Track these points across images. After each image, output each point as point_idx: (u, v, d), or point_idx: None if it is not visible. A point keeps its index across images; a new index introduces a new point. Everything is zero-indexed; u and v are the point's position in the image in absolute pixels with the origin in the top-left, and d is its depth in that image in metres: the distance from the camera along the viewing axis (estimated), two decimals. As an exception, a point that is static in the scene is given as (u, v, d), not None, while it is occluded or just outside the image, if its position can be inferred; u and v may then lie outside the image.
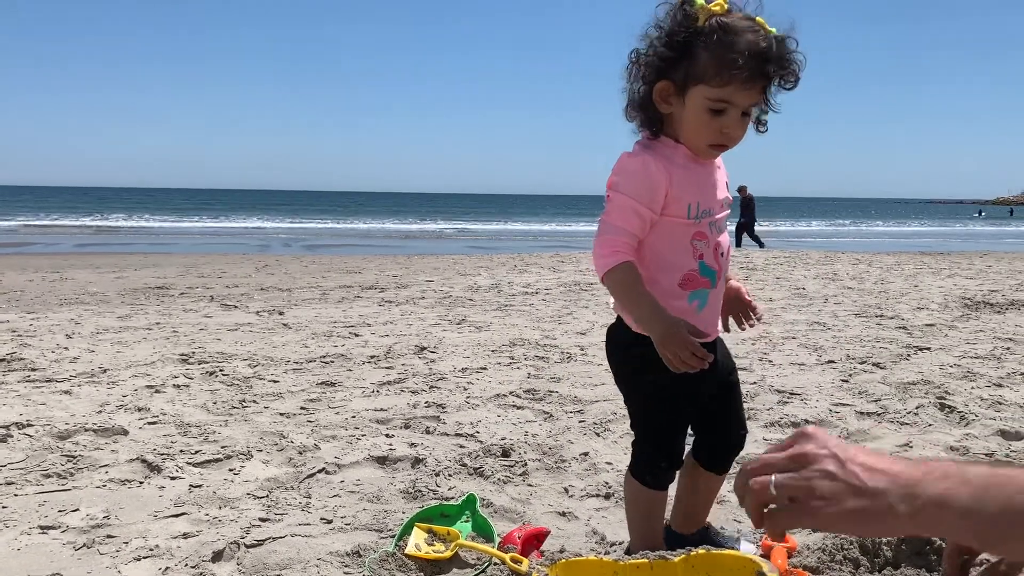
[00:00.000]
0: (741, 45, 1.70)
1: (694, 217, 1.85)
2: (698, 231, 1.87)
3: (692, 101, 1.78)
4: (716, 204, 1.91)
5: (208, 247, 19.45)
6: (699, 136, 1.82)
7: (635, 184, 1.82)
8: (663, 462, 2.00)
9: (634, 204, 1.81)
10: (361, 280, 10.14)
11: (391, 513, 2.53)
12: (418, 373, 4.49)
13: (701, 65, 1.74)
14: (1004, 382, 4.22)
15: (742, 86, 1.73)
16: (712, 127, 1.79)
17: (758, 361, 4.82)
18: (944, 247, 21.49)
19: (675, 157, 1.84)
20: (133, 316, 6.74)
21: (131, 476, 2.85)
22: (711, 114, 1.77)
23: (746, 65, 1.70)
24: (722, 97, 1.75)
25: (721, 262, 1.93)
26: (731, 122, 1.78)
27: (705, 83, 1.74)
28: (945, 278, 10.24)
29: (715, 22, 1.72)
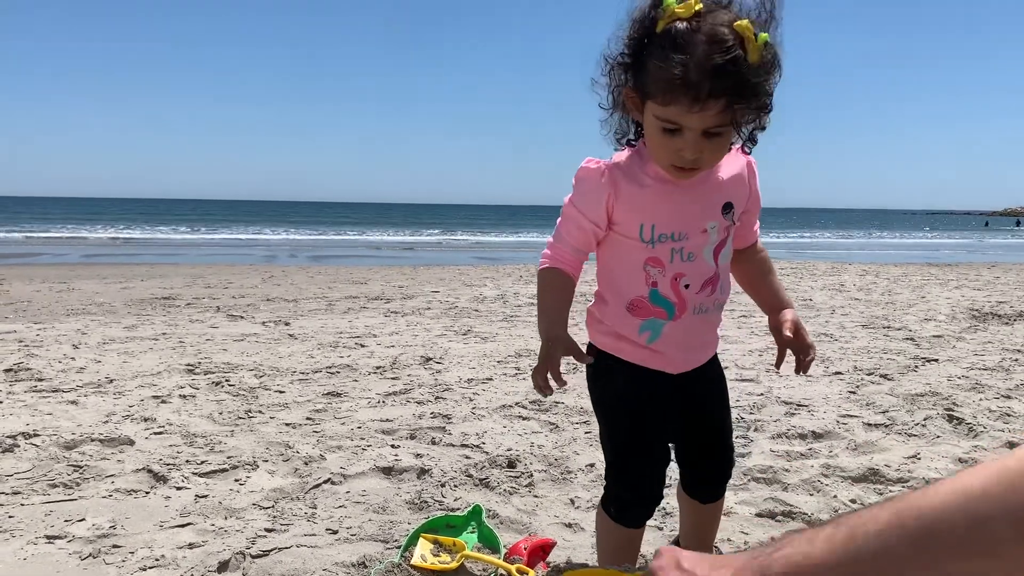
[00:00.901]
0: (685, 61, 1.44)
1: (648, 241, 1.67)
2: (652, 256, 1.68)
3: (647, 116, 1.58)
4: (691, 228, 1.68)
5: (214, 258, 19.49)
6: (658, 156, 1.61)
7: (579, 194, 1.72)
8: (625, 493, 1.82)
9: (577, 216, 1.71)
10: (367, 291, 10.14)
11: (397, 524, 2.53)
12: (424, 384, 4.48)
13: (651, 78, 1.51)
14: (1013, 394, 4.20)
15: (687, 108, 1.47)
16: (668, 148, 1.56)
17: (765, 372, 4.80)
18: (952, 258, 21.44)
19: (643, 171, 1.66)
20: (139, 326, 6.75)
21: (137, 486, 2.85)
22: (665, 133, 1.55)
23: (687, 85, 1.44)
24: (668, 118, 1.52)
25: (685, 294, 1.71)
26: (686, 144, 1.53)
27: (652, 100, 1.53)
28: (952, 289, 10.21)
29: (668, 29, 1.48)
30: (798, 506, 2.67)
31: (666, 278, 1.70)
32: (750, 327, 6.70)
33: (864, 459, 3.14)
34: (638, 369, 1.77)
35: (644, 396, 1.77)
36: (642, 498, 1.83)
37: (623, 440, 1.82)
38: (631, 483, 1.82)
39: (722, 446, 1.96)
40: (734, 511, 2.64)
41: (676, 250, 1.69)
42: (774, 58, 1.51)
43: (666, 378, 1.79)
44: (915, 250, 28.15)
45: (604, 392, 1.83)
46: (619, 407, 1.81)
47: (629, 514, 1.84)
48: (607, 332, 1.78)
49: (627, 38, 1.57)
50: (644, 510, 1.85)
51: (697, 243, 1.70)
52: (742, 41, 1.46)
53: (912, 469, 3.00)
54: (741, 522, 2.57)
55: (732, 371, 4.80)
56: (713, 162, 1.62)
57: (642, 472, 1.82)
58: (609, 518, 1.86)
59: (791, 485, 2.87)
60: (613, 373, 1.79)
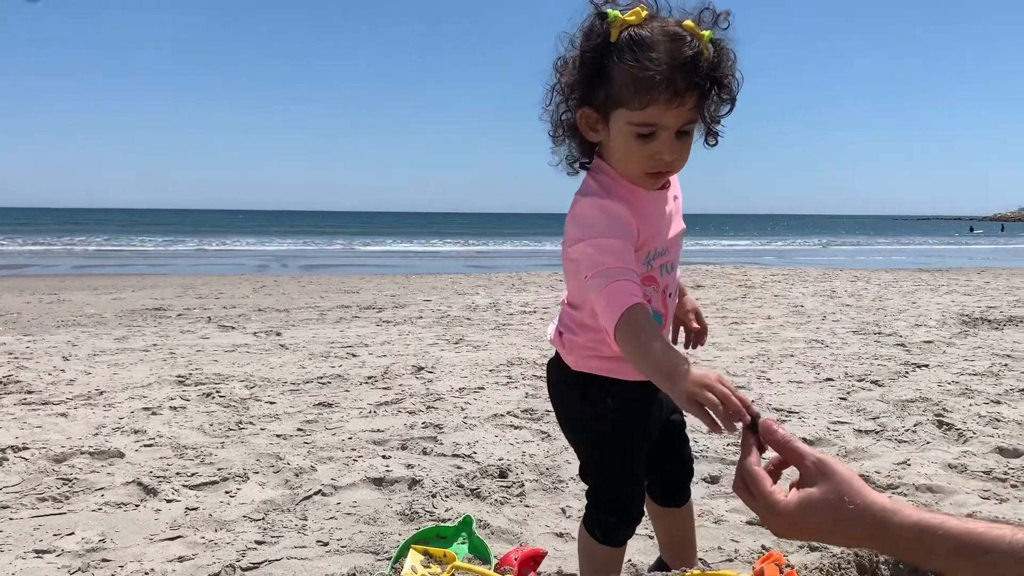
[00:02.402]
0: (658, 59, 1.46)
1: (646, 263, 1.66)
2: (647, 276, 1.67)
3: (616, 127, 1.56)
4: (671, 243, 1.72)
5: (205, 268, 19.44)
6: (631, 165, 1.58)
7: (606, 226, 1.57)
8: (611, 518, 1.80)
9: (618, 242, 1.55)
10: (359, 300, 10.13)
11: (387, 535, 2.52)
12: (416, 393, 4.48)
13: (618, 87, 1.51)
14: (1002, 399, 4.22)
15: (666, 106, 1.48)
16: (642, 154, 1.55)
17: (756, 379, 4.81)
18: (942, 263, 21.52)
19: (637, 196, 1.62)
20: (130, 338, 6.73)
21: (127, 499, 2.84)
22: (639, 140, 1.53)
23: (665, 81, 1.46)
24: (646, 120, 1.51)
25: (668, 303, 1.76)
26: (663, 146, 1.54)
27: (625, 107, 1.52)
28: (943, 295, 10.25)
29: (628, 35, 1.49)
30: (789, 513, 2.67)
31: (658, 293, 1.73)
32: (741, 334, 6.71)
33: (854, 465, 3.14)
34: (630, 386, 1.75)
35: (634, 414, 1.75)
36: (628, 520, 1.83)
37: (610, 469, 1.81)
38: (617, 508, 1.81)
39: (685, 443, 1.98)
40: (724, 519, 2.65)
41: (663, 265, 1.72)
42: (726, 49, 1.54)
43: (651, 388, 1.79)
44: (904, 255, 28.27)
45: (593, 416, 1.78)
46: (609, 431, 1.77)
47: (613, 536, 1.83)
48: (598, 356, 1.73)
49: (579, 56, 1.56)
50: (631, 528, 1.85)
51: (675, 253, 1.76)
52: (695, 37, 1.50)
53: (902, 475, 3.01)
54: (731, 530, 2.57)
55: (723, 378, 4.80)
56: (682, 164, 1.62)
57: (631, 493, 1.82)
58: (594, 540, 1.83)
59: (782, 492, 2.87)
60: (602, 394, 1.75)
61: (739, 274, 14.57)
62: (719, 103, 1.57)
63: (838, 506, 1.16)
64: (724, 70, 1.53)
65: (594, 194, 1.61)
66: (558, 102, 1.63)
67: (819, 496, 1.18)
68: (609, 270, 1.52)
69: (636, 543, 2.45)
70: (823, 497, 1.17)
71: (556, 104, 1.64)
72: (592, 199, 1.60)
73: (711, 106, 1.56)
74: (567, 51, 1.60)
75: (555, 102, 1.64)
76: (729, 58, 1.54)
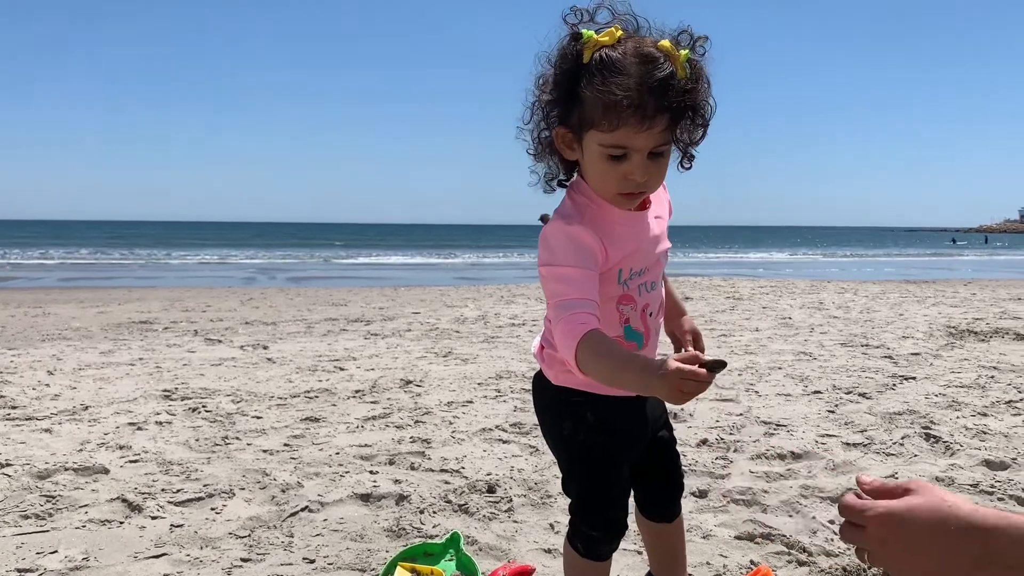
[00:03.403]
0: (627, 82, 1.46)
1: (622, 282, 1.67)
2: (624, 295, 1.68)
3: (589, 148, 1.56)
4: (651, 261, 1.72)
5: (193, 280, 19.36)
6: (604, 186, 1.59)
7: (572, 253, 1.58)
8: (594, 531, 1.80)
9: (576, 271, 1.57)
10: (347, 313, 10.10)
11: (374, 552, 2.51)
12: (403, 407, 4.46)
13: (589, 109, 1.52)
14: (989, 411, 4.23)
15: (635, 129, 1.48)
16: (615, 175, 1.55)
17: (744, 392, 4.82)
18: (929, 275, 21.65)
19: (610, 218, 1.63)
20: (116, 351, 6.68)
21: (111, 516, 2.81)
22: (611, 161, 1.54)
23: (634, 106, 1.46)
24: (616, 143, 1.51)
25: (649, 322, 1.75)
26: (634, 168, 1.53)
27: (596, 129, 1.52)
28: (930, 306, 10.30)
29: (599, 57, 1.49)
30: (777, 528, 2.67)
31: (636, 312, 1.72)
32: (730, 347, 6.72)
33: (843, 479, 3.15)
34: (608, 400, 1.75)
35: (614, 430, 1.76)
36: (611, 534, 1.83)
37: (590, 481, 1.80)
38: (599, 522, 1.81)
39: (675, 458, 1.97)
40: (713, 534, 2.64)
41: (643, 284, 1.72)
42: (702, 72, 1.54)
43: (634, 401, 1.79)
44: (890, 267, 28.43)
45: (573, 431, 1.79)
46: (589, 446, 1.78)
47: (597, 550, 1.83)
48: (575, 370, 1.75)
49: (553, 77, 1.57)
50: (614, 543, 1.85)
51: (656, 272, 1.75)
52: (669, 58, 1.50)
53: (890, 489, 3.01)
54: (720, 545, 2.56)
55: (711, 390, 4.81)
56: (658, 184, 1.63)
57: (610, 507, 1.81)
58: (577, 554, 1.84)
59: (770, 507, 2.87)
60: (582, 410, 1.76)
61: (727, 286, 14.61)
62: (692, 127, 1.56)
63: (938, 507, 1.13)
64: (698, 94, 1.52)
65: (565, 217, 1.63)
66: (538, 120, 1.64)
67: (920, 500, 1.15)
68: (566, 302, 1.54)
69: (625, 559, 2.45)
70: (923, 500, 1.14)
71: (536, 122, 1.64)
72: (560, 224, 1.61)
73: (685, 130, 1.56)
74: (545, 69, 1.60)
75: (535, 120, 1.64)
76: (704, 82, 1.54)
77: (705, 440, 3.68)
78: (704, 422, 4.05)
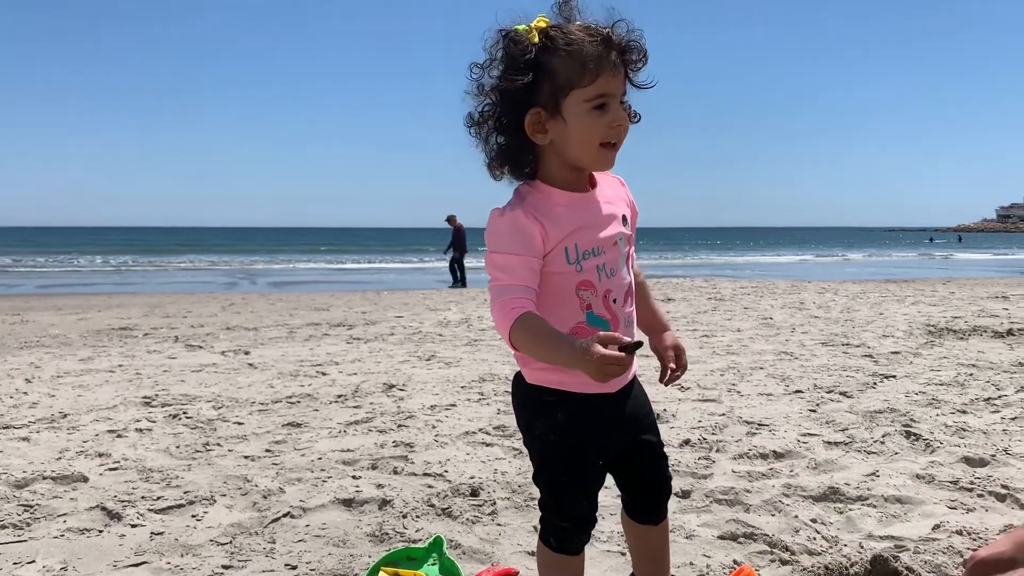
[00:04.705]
0: (587, 39, 1.66)
1: (574, 262, 1.72)
2: (583, 280, 1.74)
3: (571, 110, 1.68)
4: (605, 243, 1.77)
5: (173, 286, 19.24)
6: (591, 140, 1.70)
7: (509, 239, 1.68)
8: (564, 523, 1.84)
9: (517, 260, 1.67)
10: (329, 317, 10.07)
11: (357, 557, 2.49)
12: (386, 412, 4.44)
13: (564, 73, 1.66)
14: (968, 408, 4.27)
15: (611, 73, 1.67)
16: (600, 126, 1.69)
17: (726, 392, 4.83)
18: (909, 274, 21.83)
19: (551, 200, 1.73)
20: (95, 358, 6.62)
21: (90, 525, 2.78)
22: (596, 113, 1.68)
23: (602, 54, 1.65)
24: (599, 91, 1.67)
25: (615, 309, 1.78)
26: (616, 114, 1.70)
27: (577, 86, 1.66)
28: (909, 305, 10.39)
29: (549, 32, 1.68)
30: (760, 527, 2.67)
31: (598, 297, 1.76)
32: (712, 347, 6.75)
33: (824, 478, 3.16)
34: (580, 398, 1.77)
35: (584, 428, 1.76)
36: (580, 526, 1.85)
37: (560, 477, 1.83)
38: (568, 513, 1.84)
39: (661, 460, 1.97)
40: (696, 534, 2.65)
41: (600, 267, 1.75)
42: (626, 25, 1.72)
43: (607, 400, 1.80)
44: (871, 267, 28.63)
45: (544, 429, 1.80)
46: (558, 444, 1.80)
47: (569, 543, 1.86)
48: (546, 368, 1.77)
49: (511, 70, 1.68)
50: (584, 536, 1.87)
51: (613, 256, 1.78)
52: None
53: (871, 487, 3.03)
54: (703, 545, 2.57)
55: (694, 391, 4.83)
56: (626, 132, 1.74)
57: (578, 501, 1.84)
58: (550, 550, 1.86)
59: (753, 506, 2.88)
60: (553, 408, 1.78)
61: (709, 287, 14.69)
62: (637, 69, 1.73)
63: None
64: (632, 35, 1.70)
65: (506, 206, 1.74)
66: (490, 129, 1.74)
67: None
68: (501, 287, 1.68)
69: (609, 560, 2.45)
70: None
71: (487, 132, 1.75)
72: (498, 212, 1.73)
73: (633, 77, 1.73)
74: (487, 79, 1.72)
75: (486, 131, 1.75)
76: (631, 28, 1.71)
77: (688, 440, 3.69)
78: (687, 422, 4.06)
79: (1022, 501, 2.89)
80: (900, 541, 2.54)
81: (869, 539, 2.58)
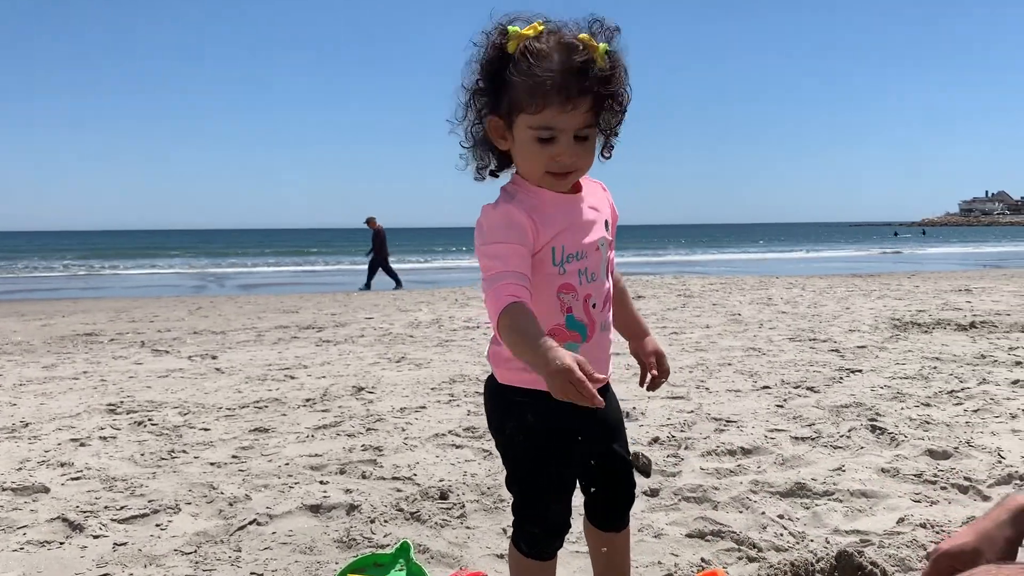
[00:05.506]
0: (550, 65, 1.59)
1: (559, 264, 1.71)
2: (564, 283, 1.72)
3: (518, 132, 1.66)
4: (588, 247, 1.75)
5: (140, 291, 18.99)
6: (533, 167, 1.68)
7: (503, 231, 1.66)
8: (535, 528, 1.83)
9: (509, 248, 1.64)
10: (298, 320, 9.99)
11: (324, 564, 2.47)
12: (355, 415, 4.41)
13: (517, 93, 1.63)
14: (932, 401, 4.33)
15: (560, 109, 1.60)
16: (543, 156, 1.65)
17: (695, 389, 4.86)
18: (876, 268, 22.10)
19: (540, 198, 1.71)
20: (59, 365, 6.51)
21: (51, 537, 2.73)
22: (539, 143, 1.64)
23: (557, 86, 1.58)
24: (543, 124, 1.62)
25: (594, 313, 1.77)
26: (561, 149, 1.64)
27: (524, 112, 1.63)
28: (875, 300, 10.51)
29: (524, 47, 1.62)
30: (728, 524, 2.68)
31: (579, 302, 1.75)
32: (681, 344, 6.78)
33: (791, 473, 3.18)
34: (551, 400, 1.75)
35: (554, 430, 1.75)
36: (552, 531, 1.84)
37: (531, 478, 1.81)
38: (540, 517, 1.82)
39: (628, 467, 1.96)
40: (664, 533, 2.65)
41: (582, 271, 1.74)
42: (620, 64, 1.66)
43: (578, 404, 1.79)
44: (839, 262, 28.96)
45: (514, 430, 1.80)
46: (527, 445, 1.79)
47: (541, 548, 1.84)
48: (520, 368, 1.74)
49: (482, 69, 1.68)
50: (555, 541, 1.86)
51: (594, 261, 1.77)
52: (588, 49, 1.62)
53: (837, 482, 3.06)
54: (671, 544, 2.57)
55: (663, 389, 4.83)
56: (586, 166, 1.72)
57: (550, 506, 1.82)
58: (522, 555, 1.85)
59: (720, 503, 2.89)
60: (523, 409, 1.76)
61: (678, 283, 14.77)
62: (612, 113, 1.69)
63: None
64: (616, 81, 1.65)
65: (498, 200, 1.73)
66: (471, 113, 1.73)
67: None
68: (495, 274, 1.62)
69: (577, 561, 2.44)
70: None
71: (470, 116, 1.74)
72: (491, 206, 1.71)
73: (606, 115, 1.68)
74: (474, 66, 1.70)
75: (468, 115, 1.74)
76: (621, 71, 1.66)
77: (657, 438, 3.70)
78: (655, 420, 4.07)
79: (984, 493, 2.93)
80: (865, 535, 2.56)
81: (835, 534, 2.60)
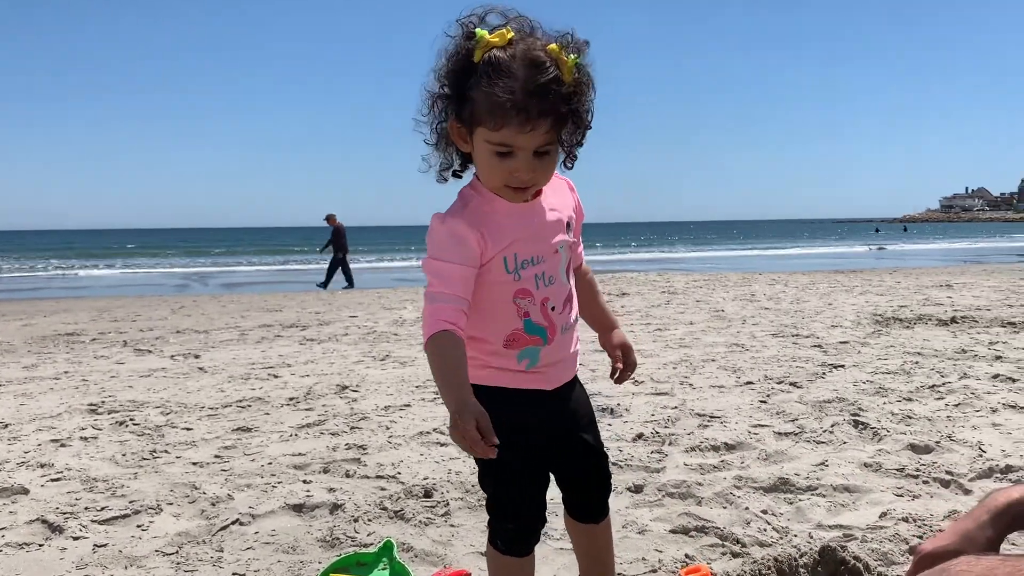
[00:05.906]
0: (512, 85, 1.53)
1: (512, 271, 1.70)
2: (520, 288, 1.72)
3: (477, 143, 1.64)
4: (546, 252, 1.74)
5: (122, 290, 18.84)
6: (491, 179, 1.66)
7: (446, 247, 1.66)
8: (509, 524, 1.83)
9: (452, 267, 1.65)
10: (282, 318, 9.94)
11: (307, 564, 2.45)
12: (339, 414, 4.39)
13: (477, 107, 1.58)
14: (913, 396, 4.35)
15: (518, 130, 1.56)
16: (501, 171, 1.63)
17: (679, 385, 4.87)
18: (858, 264, 22.22)
19: (493, 207, 1.69)
20: (40, 365, 6.46)
21: (30, 538, 2.70)
22: (497, 157, 1.61)
23: (516, 108, 1.53)
24: (501, 141, 1.59)
25: (553, 316, 1.76)
26: (519, 165, 1.61)
27: (483, 126, 1.59)
28: (857, 295, 10.57)
29: (488, 58, 1.56)
30: (712, 520, 2.69)
31: (536, 306, 1.74)
32: (665, 340, 6.80)
33: (775, 468, 3.19)
34: (515, 394, 1.77)
35: (519, 426, 1.74)
36: (527, 527, 1.84)
37: (498, 476, 1.81)
38: (513, 514, 1.82)
39: (601, 459, 1.96)
40: (648, 528, 2.65)
41: (539, 276, 1.74)
42: (587, 77, 1.63)
43: (542, 396, 1.80)
44: (822, 258, 29.13)
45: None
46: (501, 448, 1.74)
47: (516, 545, 1.84)
48: (482, 366, 1.75)
49: (445, 72, 1.63)
50: (531, 538, 1.86)
51: (553, 264, 1.76)
52: (556, 63, 1.57)
53: (820, 477, 3.07)
54: (655, 539, 2.57)
55: (647, 384, 4.86)
56: (545, 180, 1.69)
57: (522, 501, 1.82)
58: (499, 553, 1.85)
59: (704, 499, 2.90)
60: (487, 406, 1.76)
61: (662, 280, 14.81)
62: (575, 130, 1.65)
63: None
64: (580, 100, 1.61)
65: (448, 211, 1.70)
66: (436, 112, 1.69)
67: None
68: (436, 293, 1.65)
69: (561, 558, 2.44)
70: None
71: (435, 114, 1.70)
72: (440, 218, 1.69)
73: (568, 132, 1.64)
74: (441, 64, 1.65)
75: (434, 112, 1.70)
76: (588, 86, 1.63)
77: (641, 435, 3.71)
78: (640, 416, 4.08)
79: (966, 487, 2.95)
80: (848, 530, 2.57)
81: (818, 529, 2.61)
